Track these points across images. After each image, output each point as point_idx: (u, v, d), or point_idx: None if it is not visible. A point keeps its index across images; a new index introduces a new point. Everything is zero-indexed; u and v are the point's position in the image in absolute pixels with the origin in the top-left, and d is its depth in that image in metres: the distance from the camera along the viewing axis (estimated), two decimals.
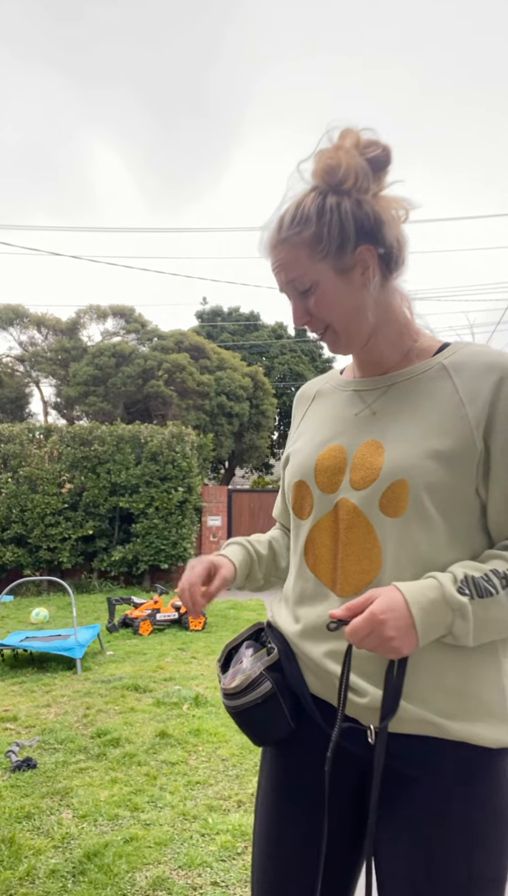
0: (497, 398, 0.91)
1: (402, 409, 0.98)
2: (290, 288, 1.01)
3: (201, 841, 2.61)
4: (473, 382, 0.94)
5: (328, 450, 1.03)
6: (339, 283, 0.97)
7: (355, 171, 0.93)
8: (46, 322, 18.58)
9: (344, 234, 0.94)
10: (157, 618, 7.72)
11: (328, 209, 0.93)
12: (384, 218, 0.96)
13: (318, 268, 0.96)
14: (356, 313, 0.98)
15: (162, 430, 12.16)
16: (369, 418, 1.01)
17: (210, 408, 17.40)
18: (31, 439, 11.99)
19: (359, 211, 0.94)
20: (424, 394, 0.97)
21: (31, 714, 4.30)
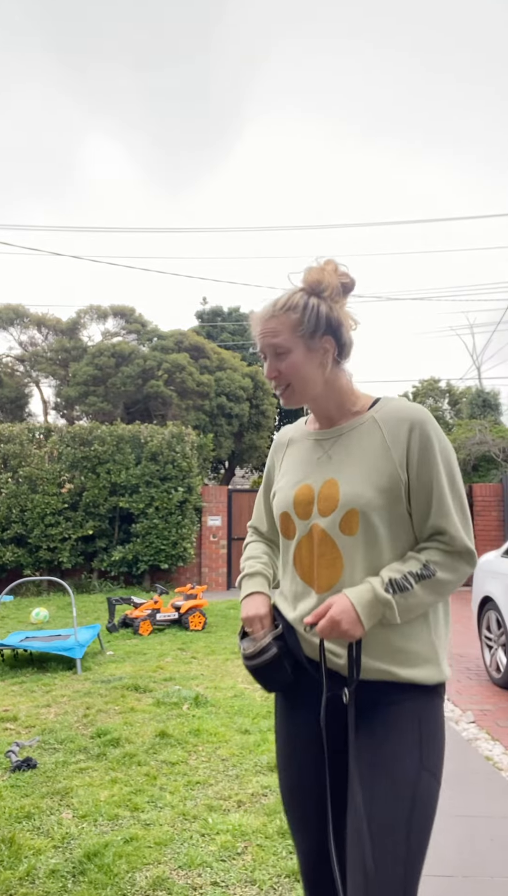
0: (410, 441, 1.32)
1: (349, 454, 1.37)
2: (270, 350, 1.38)
3: (201, 841, 2.61)
4: (394, 431, 1.33)
5: (301, 488, 1.42)
6: (306, 357, 1.36)
7: (332, 286, 1.36)
8: (47, 322, 18.58)
9: (318, 325, 1.35)
10: (157, 618, 7.72)
11: (310, 305, 1.35)
12: (344, 322, 1.38)
13: (295, 342, 1.35)
14: (311, 381, 1.38)
15: (162, 430, 12.16)
16: (326, 461, 1.40)
17: (210, 408, 17.40)
18: (31, 439, 11.99)
19: (330, 313, 1.36)
20: (363, 441, 1.37)
21: (31, 714, 4.30)
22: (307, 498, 1.39)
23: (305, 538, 1.40)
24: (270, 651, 1.39)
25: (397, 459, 1.32)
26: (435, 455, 1.31)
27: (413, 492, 1.31)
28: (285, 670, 1.40)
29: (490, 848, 2.59)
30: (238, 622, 8.19)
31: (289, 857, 2.47)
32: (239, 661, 5.95)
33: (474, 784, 3.22)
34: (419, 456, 1.31)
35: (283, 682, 1.42)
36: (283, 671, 1.40)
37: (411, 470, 1.31)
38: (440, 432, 1.35)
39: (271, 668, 1.40)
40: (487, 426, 15.97)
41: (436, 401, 24.04)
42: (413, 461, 1.31)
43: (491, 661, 5.30)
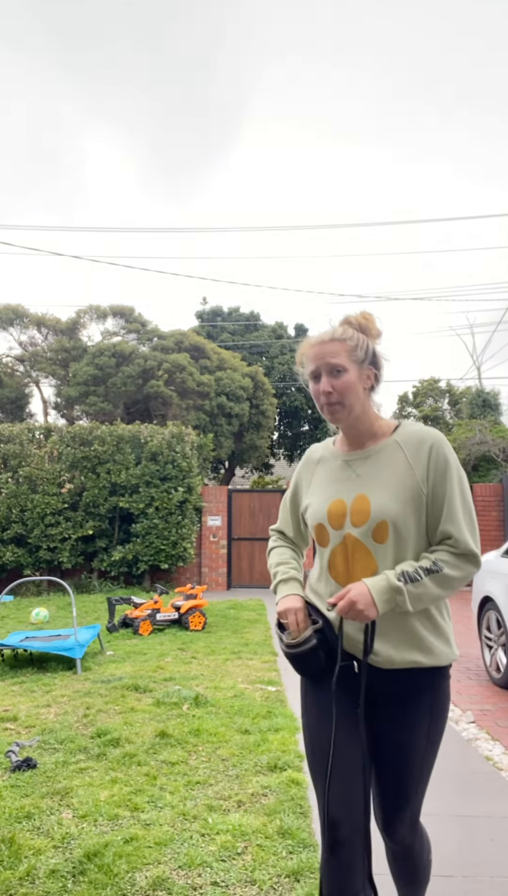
0: (429, 460, 1.59)
1: (377, 473, 1.64)
2: (327, 368, 1.62)
3: (201, 841, 2.61)
4: (415, 452, 1.61)
5: (334, 503, 1.67)
6: (355, 378, 1.63)
7: (375, 330, 1.69)
8: (46, 322, 18.57)
9: (366, 355, 1.65)
10: (157, 618, 7.72)
11: (362, 340, 1.65)
12: (381, 359, 1.69)
13: (350, 364, 1.62)
14: (358, 400, 1.64)
15: (162, 430, 12.15)
16: (355, 479, 1.67)
17: (210, 408, 17.39)
18: (31, 439, 11.98)
19: (374, 350, 1.67)
20: (389, 462, 1.63)
21: (31, 714, 4.30)
22: (341, 511, 1.65)
23: (339, 546, 1.65)
24: (310, 643, 1.62)
25: (419, 476, 1.58)
26: (451, 472, 1.59)
27: (430, 502, 1.58)
28: (320, 659, 1.63)
29: (490, 848, 2.59)
30: (238, 622, 8.22)
31: (289, 857, 2.47)
32: (239, 661, 5.95)
33: (474, 784, 3.22)
34: (436, 473, 1.58)
35: (317, 668, 1.65)
36: (318, 659, 1.63)
37: (429, 484, 1.58)
38: (453, 451, 1.64)
39: (308, 657, 1.63)
40: (487, 426, 15.97)
41: (436, 401, 24.03)
42: (432, 477, 1.58)
43: (491, 661, 5.30)
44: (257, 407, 19.38)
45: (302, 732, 1.74)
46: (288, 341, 23.95)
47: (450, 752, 3.65)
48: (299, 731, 3.92)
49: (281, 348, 23.76)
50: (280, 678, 5.26)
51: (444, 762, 3.44)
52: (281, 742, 3.68)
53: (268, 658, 6.04)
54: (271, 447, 23.73)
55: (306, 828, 2.70)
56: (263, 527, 13.01)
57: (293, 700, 4.62)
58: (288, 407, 23.48)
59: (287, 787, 3.09)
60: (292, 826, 2.69)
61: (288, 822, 2.73)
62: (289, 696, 4.71)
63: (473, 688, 5.14)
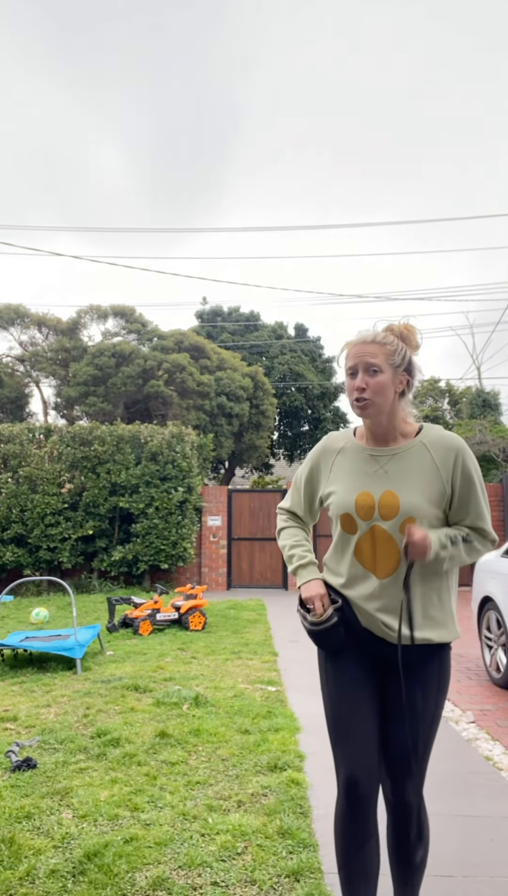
0: (455, 466, 1.78)
1: (405, 471, 1.80)
2: (364, 366, 1.78)
3: (201, 841, 2.60)
4: (443, 457, 1.79)
5: (361, 495, 1.82)
6: (390, 380, 1.78)
7: (414, 341, 1.85)
8: (47, 322, 18.56)
9: (402, 361, 1.80)
10: (157, 618, 7.72)
11: (401, 347, 1.80)
12: (416, 368, 1.85)
13: (386, 366, 1.78)
14: (389, 400, 1.79)
15: (162, 430, 12.15)
16: (384, 475, 1.81)
17: (210, 408, 17.39)
18: (31, 439, 11.98)
19: (411, 359, 1.83)
20: (416, 462, 1.80)
21: (31, 714, 4.30)
22: (369, 504, 1.80)
23: (366, 534, 1.81)
24: (331, 620, 1.80)
25: (444, 478, 1.78)
26: (474, 476, 1.80)
27: (458, 502, 1.79)
28: (340, 635, 1.83)
29: (490, 848, 2.58)
30: (238, 622, 8.22)
31: (289, 857, 2.47)
32: (239, 661, 5.95)
33: (474, 784, 3.22)
34: (462, 478, 1.78)
35: (338, 644, 1.85)
36: (339, 635, 1.83)
37: (455, 486, 1.78)
38: (473, 456, 1.83)
39: (330, 633, 1.82)
40: (487, 426, 15.97)
41: (436, 401, 24.02)
42: (458, 481, 1.78)
43: (491, 661, 5.30)
44: (257, 407, 19.38)
45: (323, 702, 1.91)
46: (288, 341, 23.95)
47: (450, 752, 3.65)
48: (299, 731, 3.92)
49: (281, 348, 23.76)
50: (280, 678, 5.26)
51: (444, 762, 3.44)
52: (281, 742, 3.68)
53: (268, 658, 6.04)
54: (271, 447, 23.72)
55: (306, 828, 2.70)
56: (263, 527, 13.01)
57: (293, 700, 4.62)
58: (288, 407, 23.46)
59: (287, 787, 3.09)
60: (292, 826, 2.69)
61: (288, 822, 2.73)
62: (289, 696, 4.71)
63: (473, 688, 5.14)
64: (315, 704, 4.29)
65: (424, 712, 1.82)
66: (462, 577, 12.68)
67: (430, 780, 1.75)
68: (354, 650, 1.86)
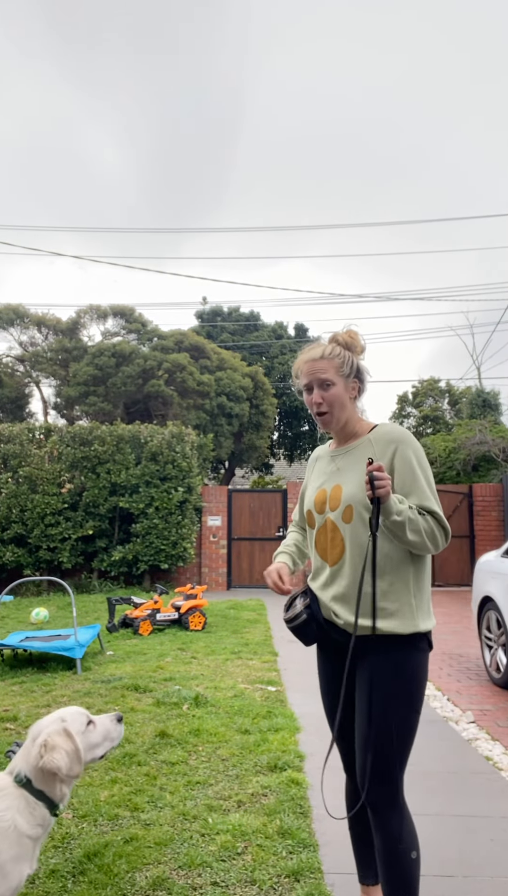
0: (395, 455, 1.86)
1: (350, 465, 1.93)
2: (318, 382, 1.91)
3: (201, 841, 2.61)
4: (382, 447, 1.88)
5: (319, 492, 1.99)
6: (343, 391, 1.92)
7: (358, 346, 1.96)
8: (47, 322, 18.56)
9: (351, 370, 1.93)
10: (157, 618, 7.72)
11: (348, 357, 1.93)
12: (364, 372, 1.98)
13: (338, 379, 1.91)
14: (345, 409, 1.94)
15: (162, 430, 12.15)
16: (336, 471, 1.97)
17: (210, 408, 17.39)
18: (31, 439, 11.98)
19: (358, 364, 1.96)
20: (360, 456, 1.91)
21: (31, 714, 4.30)
22: (322, 499, 1.97)
23: (321, 527, 1.96)
24: (301, 617, 1.95)
25: (384, 468, 1.81)
26: (414, 464, 1.85)
27: (398, 487, 1.83)
28: (313, 629, 1.96)
29: (490, 848, 2.58)
30: (238, 622, 8.21)
31: (289, 857, 2.47)
32: (239, 661, 5.95)
33: (474, 784, 3.22)
34: (401, 465, 1.85)
35: (314, 637, 1.98)
36: (312, 630, 1.96)
37: (394, 474, 1.84)
38: (417, 445, 1.88)
39: (304, 628, 1.96)
40: (487, 426, 15.96)
41: (436, 401, 24.01)
42: (396, 468, 1.84)
43: (491, 661, 5.30)
44: (257, 407, 19.37)
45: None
46: (288, 341, 23.95)
47: (450, 752, 3.65)
48: (299, 731, 3.92)
49: (281, 348, 23.76)
50: (280, 678, 5.26)
51: (444, 762, 3.44)
52: (281, 742, 3.68)
53: (268, 658, 6.04)
54: (270, 447, 23.72)
55: (306, 828, 2.70)
56: (263, 527, 13.01)
57: (293, 700, 4.62)
58: (288, 407, 23.46)
59: (287, 787, 3.09)
60: (292, 826, 2.69)
61: (288, 822, 2.73)
62: (289, 696, 4.71)
63: (473, 688, 5.14)
64: (315, 704, 4.29)
65: (373, 707, 1.79)
66: (463, 577, 12.70)
67: (430, 780, 1.73)
68: (332, 644, 1.96)
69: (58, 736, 1.65)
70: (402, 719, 1.80)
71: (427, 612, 1.88)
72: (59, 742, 1.64)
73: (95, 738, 1.74)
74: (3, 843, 1.54)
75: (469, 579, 6.76)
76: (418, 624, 1.83)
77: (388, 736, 1.78)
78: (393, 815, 1.78)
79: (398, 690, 1.80)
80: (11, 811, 1.58)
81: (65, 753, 1.63)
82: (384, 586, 1.82)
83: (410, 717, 1.81)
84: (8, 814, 1.58)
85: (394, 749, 1.79)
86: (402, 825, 1.79)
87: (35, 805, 1.62)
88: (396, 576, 1.82)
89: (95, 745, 1.75)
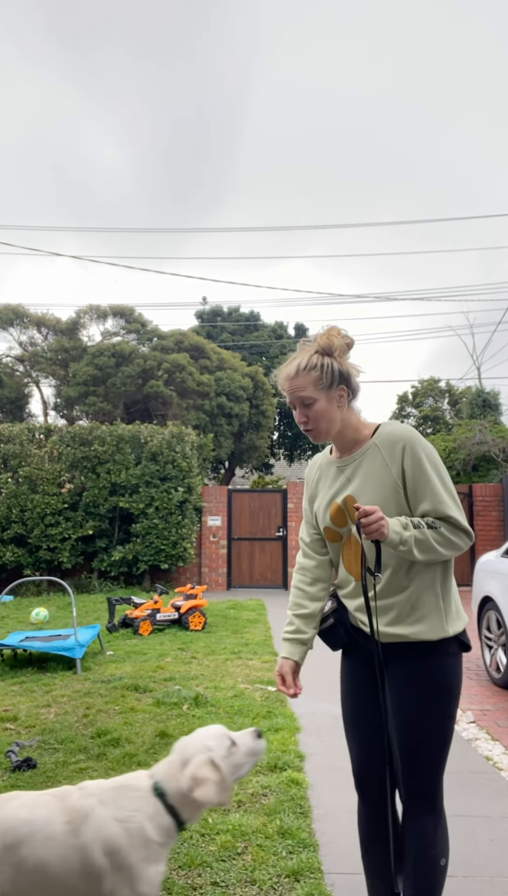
0: (403, 456, 1.74)
1: (362, 475, 1.81)
2: (299, 401, 1.79)
3: (201, 841, 2.61)
4: (389, 450, 1.76)
5: (333, 506, 1.88)
6: (327, 404, 1.78)
7: (338, 346, 1.78)
8: (46, 322, 18.56)
9: (333, 378, 1.77)
10: (157, 618, 7.72)
11: (325, 364, 1.76)
12: (352, 373, 1.81)
13: (318, 393, 1.77)
14: (334, 421, 1.81)
15: (162, 430, 12.15)
16: (347, 483, 1.85)
17: (210, 408, 17.39)
18: (31, 439, 11.98)
19: (341, 368, 1.78)
20: (370, 464, 1.80)
21: (31, 714, 4.30)
22: (339, 512, 1.85)
23: (347, 540, 1.87)
24: (328, 621, 1.95)
25: (395, 472, 1.75)
26: (425, 463, 1.74)
27: (411, 491, 1.74)
28: (341, 634, 1.93)
29: (490, 848, 2.59)
30: (238, 622, 8.21)
31: (289, 857, 2.47)
32: (239, 661, 5.95)
33: (474, 784, 3.22)
34: (411, 466, 1.73)
35: (341, 642, 1.95)
36: (339, 635, 1.94)
37: (406, 476, 1.74)
38: (425, 443, 1.77)
39: (330, 633, 1.95)
40: (487, 426, 15.96)
41: (436, 401, 24.01)
42: (407, 470, 1.74)
43: (491, 661, 5.30)
44: (256, 407, 19.37)
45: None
46: (288, 341, 23.95)
47: (450, 751, 3.65)
48: (299, 731, 3.92)
49: (281, 348, 23.75)
50: None
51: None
52: (281, 742, 3.68)
53: (268, 658, 6.04)
54: (270, 447, 23.71)
55: (306, 828, 2.70)
56: (263, 527, 13.01)
57: (293, 700, 4.62)
58: (288, 407, 23.33)
59: (287, 787, 3.09)
60: (292, 826, 2.69)
61: (288, 822, 2.73)
62: (289, 696, 4.71)
63: (473, 688, 5.14)
64: (315, 704, 4.30)
65: (407, 717, 1.74)
66: (463, 577, 12.69)
67: None
68: (362, 648, 1.88)
69: (206, 768, 1.61)
70: (436, 727, 1.75)
71: (457, 613, 1.80)
72: (207, 775, 1.60)
73: (239, 758, 1.70)
74: (131, 845, 1.53)
75: (469, 579, 6.74)
76: (447, 628, 1.75)
77: (425, 745, 1.74)
78: (430, 821, 1.77)
79: (429, 699, 1.74)
80: (142, 815, 1.56)
81: (213, 785, 1.59)
82: (410, 595, 1.76)
83: (444, 724, 1.76)
84: (138, 816, 1.56)
85: (432, 758, 1.75)
86: (437, 830, 1.77)
87: (164, 817, 1.58)
88: (421, 582, 1.75)
89: (240, 766, 1.70)
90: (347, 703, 1.96)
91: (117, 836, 1.52)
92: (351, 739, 1.94)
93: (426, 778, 1.76)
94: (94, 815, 1.55)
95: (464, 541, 1.71)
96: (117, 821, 1.54)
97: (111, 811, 1.56)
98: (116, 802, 1.58)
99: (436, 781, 1.77)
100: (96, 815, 1.55)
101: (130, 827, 1.54)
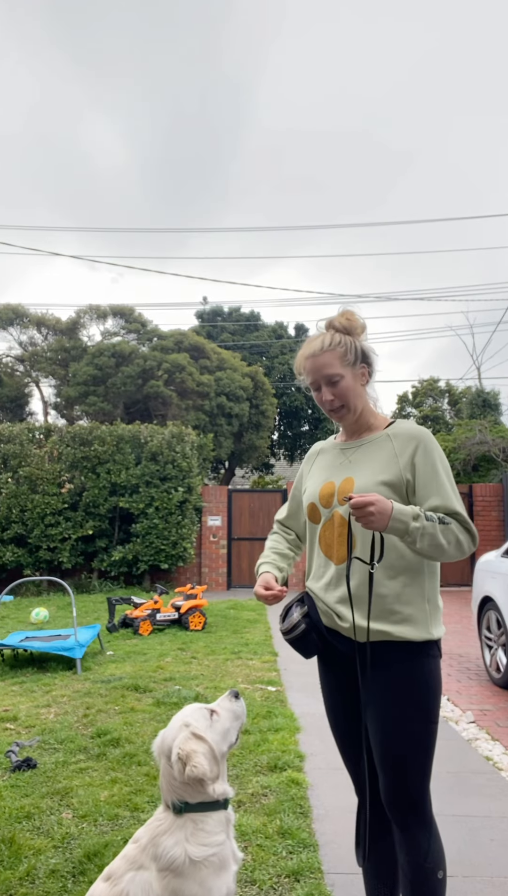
0: (415, 452, 1.73)
1: (365, 459, 1.79)
2: (325, 379, 1.77)
3: None
4: (402, 444, 1.75)
5: (325, 485, 1.83)
6: (352, 381, 1.78)
7: (357, 327, 1.82)
8: (46, 322, 18.56)
9: (356, 355, 1.78)
10: (157, 618, 7.72)
11: (350, 343, 1.78)
12: (369, 353, 1.83)
13: (345, 370, 1.77)
14: (358, 399, 1.80)
15: (162, 430, 12.15)
16: (347, 464, 1.82)
17: (210, 408, 17.39)
18: (31, 439, 11.98)
19: (362, 347, 1.81)
20: (377, 450, 1.78)
21: (31, 714, 4.30)
22: (330, 491, 1.80)
23: (328, 522, 1.80)
24: (299, 627, 1.81)
25: (402, 464, 1.73)
26: (437, 463, 1.73)
27: (420, 486, 1.71)
28: (313, 641, 1.82)
29: (490, 848, 2.59)
30: (238, 622, 8.22)
31: (289, 857, 2.47)
32: (239, 661, 5.95)
33: (474, 784, 3.22)
34: (422, 463, 1.72)
35: (315, 649, 1.84)
36: (312, 642, 1.82)
37: (415, 472, 1.72)
38: (437, 444, 1.78)
39: (302, 640, 1.82)
40: (487, 426, 15.96)
41: (436, 401, 24.01)
42: (418, 467, 1.72)
43: (491, 661, 5.30)
44: (257, 407, 19.37)
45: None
46: (288, 341, 23.94)
47: (450, 752, 3.65)
48: (299, 731, 3.92)
49: (281, 348, 23.75)
50: (280, 678, 5.26)
51: (444, 762, 3.44)
52: (281, 742, 3.68)
53: (268, 658, 6.04)
54: (271, 447, 23.71)
55: (306, 828, 2.70)
56: (263, 527, 13.01)
57: (293, 700, 4.62)
58: (288, 407, 23.46)
59: (287, 787, 3.09)
60: (292, 826, 2.69)
61: (288, 822, 2.73)
62: (289, 696, 4.71)
63: (473, 688, 5.14)
64: (315, 704, 4.30)
65: (392, 720, 1.68)
66: (463, 577, 12.69)
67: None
68: (335, 655, 1.81)
69: (188, 743, 1.56)
70: (422, 731, 1.68)
71: (438, 619, 1.75)
72: (192, 748, 1.55)
73: (225, 723, 1.66)
74: (186, 878, 1.51)
75: (469, 579, 6.78)
76: (431, 631, 1.70)
77: (410, 751, 1.67)
78: (421, 833, 1.69)
79: (414, 702, 1.67)
80: (180, 845, 1.53)
81: (202, 756, 1.55)
82: (397, 588, 1.68)
83: (429, 728, 1.70)
84: (177, 849, 1.53)
85: (418, 765, 1.68)
86: (430, 842, 1.70)
87: (203, 820, 1.56)
88: (410, 577, 1.70)
89: (227, 731, 1.66)
90: (330, 712, 1.90)
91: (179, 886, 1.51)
92: (339, 747, 1.90)
93: (413, 784, 1.69)
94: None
95: (469, 544, 1.67)
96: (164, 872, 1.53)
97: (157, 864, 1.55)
98: (154, 853, 1.56)
99: (423, 787, 1.71)
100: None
101: (177, 863, 1.52)
